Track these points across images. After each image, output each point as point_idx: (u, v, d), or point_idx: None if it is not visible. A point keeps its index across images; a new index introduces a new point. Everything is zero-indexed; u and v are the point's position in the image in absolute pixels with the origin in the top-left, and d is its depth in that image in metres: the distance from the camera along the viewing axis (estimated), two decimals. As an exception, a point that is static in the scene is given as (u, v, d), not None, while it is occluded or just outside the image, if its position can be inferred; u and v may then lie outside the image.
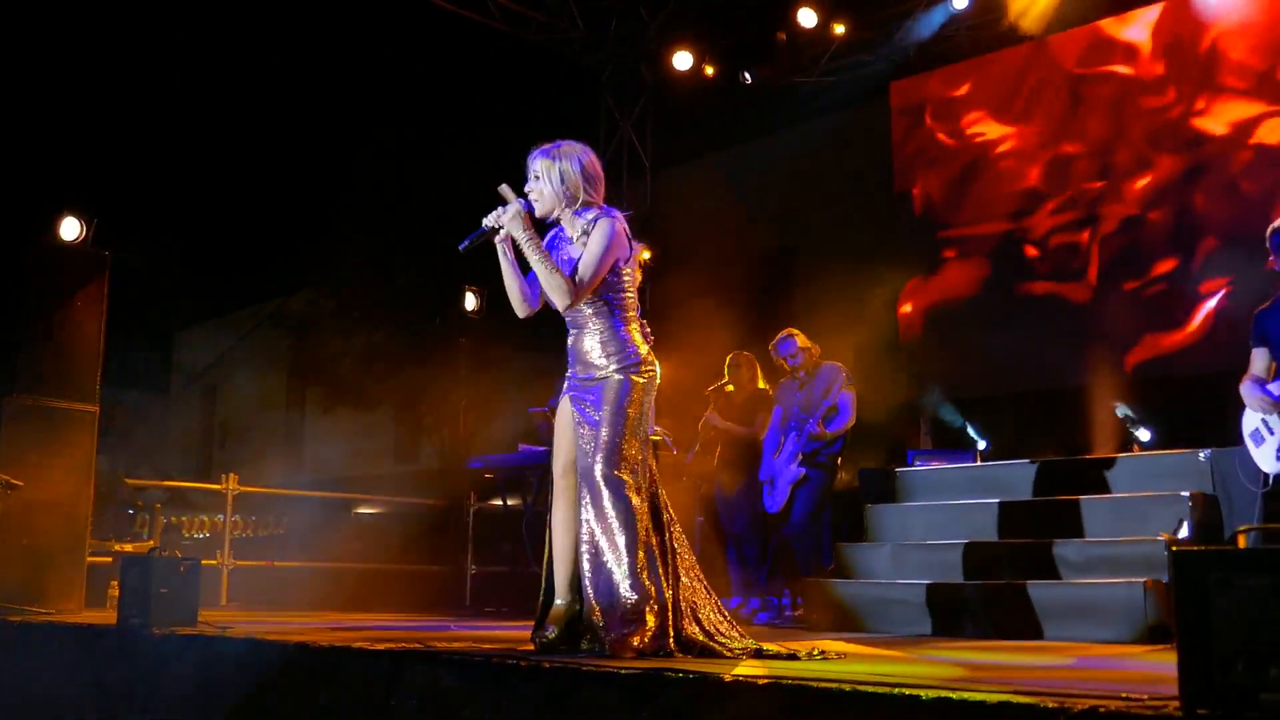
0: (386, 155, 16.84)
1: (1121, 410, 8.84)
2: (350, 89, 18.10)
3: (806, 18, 11.17)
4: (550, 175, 4.14)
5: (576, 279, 4.03)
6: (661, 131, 12.49)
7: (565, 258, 4.14)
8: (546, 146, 4.19)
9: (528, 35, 11.66)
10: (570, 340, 4.23)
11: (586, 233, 4.11)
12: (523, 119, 16.57)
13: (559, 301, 4.06)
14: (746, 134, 16.70)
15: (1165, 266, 10.06)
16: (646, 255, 11.07)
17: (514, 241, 4.12)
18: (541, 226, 4.23)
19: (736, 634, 4.10)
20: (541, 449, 7.91)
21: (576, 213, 4.18)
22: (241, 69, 18.12)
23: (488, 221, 4.14)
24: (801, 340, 7.40)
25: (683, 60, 11.55)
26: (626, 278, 4.17)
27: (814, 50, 11.79)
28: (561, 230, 4.24)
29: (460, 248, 4.18)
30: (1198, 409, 9.07)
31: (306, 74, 18.19)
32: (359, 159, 16.98)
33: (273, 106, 19.19)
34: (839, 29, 11.38)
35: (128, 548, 7.66)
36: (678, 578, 4.08)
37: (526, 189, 4.19)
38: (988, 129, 11.31)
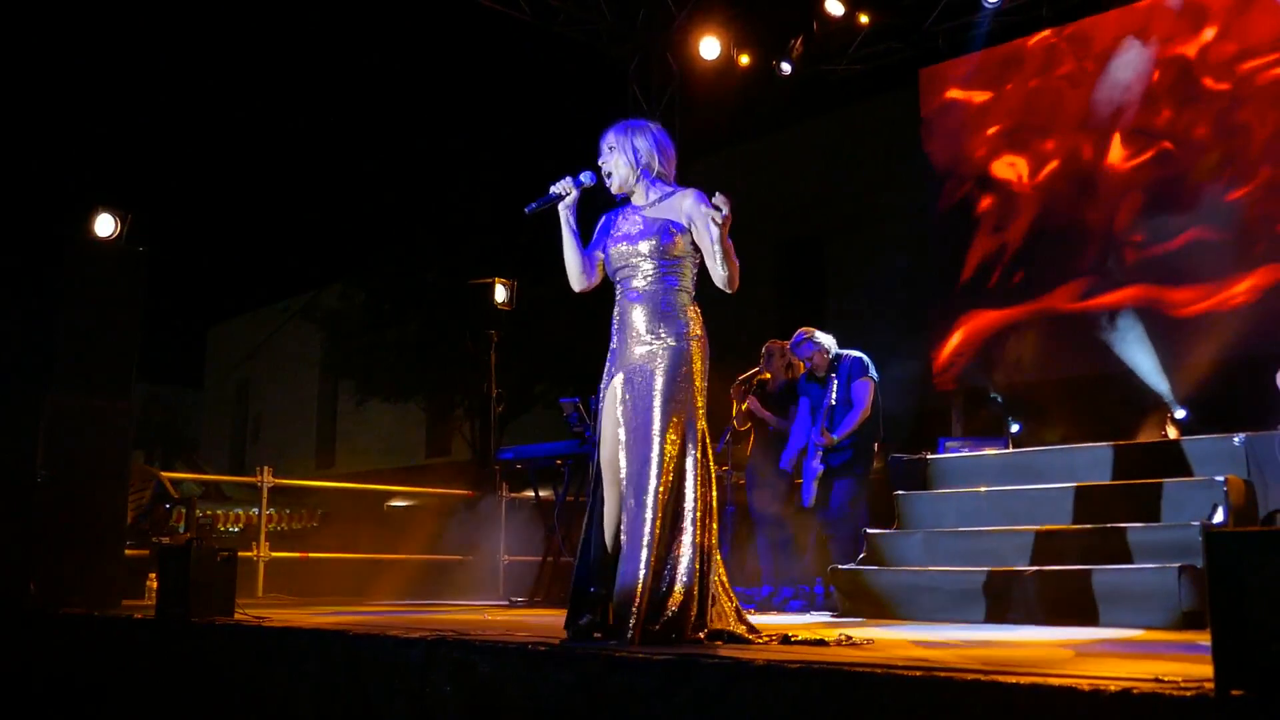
0: (416, 148, 16.93)
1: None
2: (381, 84, 18.23)
3: (833, 6, 11.11)
4: (624, 147, 4.14)
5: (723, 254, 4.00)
6: (689, 121, 12.45)
7: (636, 230, 4.12)
8: (620, 123, 4.20)
9: (555, 27, 11.67)
10: (619, 313, 4.15)
11: (662, 199, 4.11)
12: (551, 111, 16.65)
13: (737, 282, 4.08)
14: (775, 123, 16.67)
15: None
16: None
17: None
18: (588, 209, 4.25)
19: (759, 635, 4.03)
20: (569, 442, 7.93)
21: (651, 183, 4.16)
22: (273, 66, 18.25)
23: (555, 189, 4.18)
24: (818, 339, 7.35)
25: (710, 48, 11.50)
26: (698, 253, 4.15)
27: (842, 38, 11.73)
28: (629, 205, 4.21)
29: (526, 210, 4.21)
30: (1232, 392, 8.99)
31: (337, 71, 18.32)
32: (388, 153, 17.08)
33: (304, 103, 19.35)
34: (865, 18, 11.32)
35: (165, 540, 7.72)
36: (709, 576, 4.04)
37: (600, 162, 4.20)
38: (1016, 113, 11.23)
